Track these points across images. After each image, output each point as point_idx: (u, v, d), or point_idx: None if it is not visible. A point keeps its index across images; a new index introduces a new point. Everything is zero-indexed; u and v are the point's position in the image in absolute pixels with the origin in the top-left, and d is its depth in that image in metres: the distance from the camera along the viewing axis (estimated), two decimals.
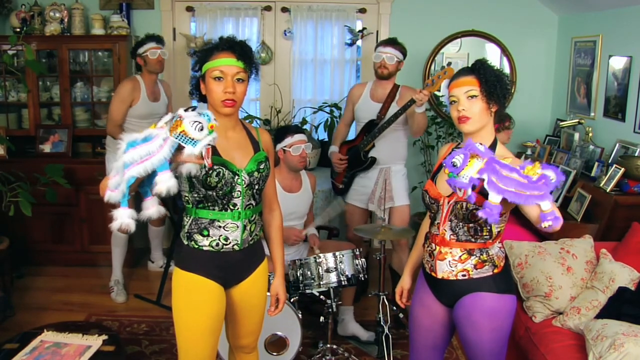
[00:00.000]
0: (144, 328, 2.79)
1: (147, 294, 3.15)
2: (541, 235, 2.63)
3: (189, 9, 3.79)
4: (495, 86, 1.49)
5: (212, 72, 1.50)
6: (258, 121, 3.78)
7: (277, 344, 2.30)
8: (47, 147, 3.52)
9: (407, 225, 2.84)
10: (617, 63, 3.06)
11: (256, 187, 1.60)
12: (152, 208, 1.30)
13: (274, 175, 1.75)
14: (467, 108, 1.50)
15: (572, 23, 3.64)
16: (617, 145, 2.93)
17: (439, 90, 2.64)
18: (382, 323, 2.40)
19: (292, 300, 2.32)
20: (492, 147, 1.53)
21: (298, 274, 2.34)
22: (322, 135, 3.83)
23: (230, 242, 1.58)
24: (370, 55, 3.84)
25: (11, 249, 3.07)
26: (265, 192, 1.71)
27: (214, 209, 1.55)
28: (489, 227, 1.53)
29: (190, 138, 1.21)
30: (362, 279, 2.40)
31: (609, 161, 2.86)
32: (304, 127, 3.73)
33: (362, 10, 3.81)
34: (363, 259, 2.41)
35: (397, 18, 3.79)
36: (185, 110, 1.24)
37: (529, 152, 3.54)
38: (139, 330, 2.77)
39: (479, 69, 1.51)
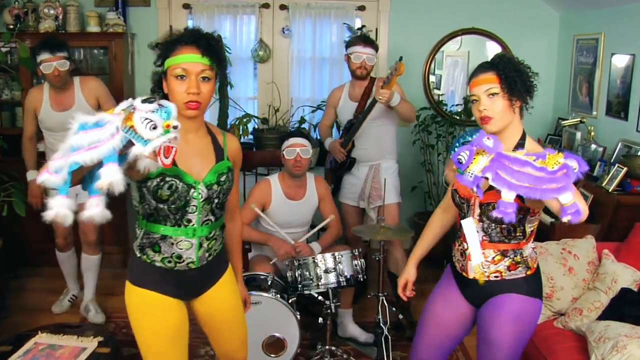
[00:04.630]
0: None
1: None
2: (543, 236, 2.63)
3: (186, 6, 3.78)
4: (516, 81, 1.44)
5: (174, 70, 1.36)
6: (256, 120, 3.77)
7: (275, 345, 2.30)
8: (41, 147, 3.50)
9: (397, 224, 2.83)
10: (620, 61, 3.05)
11: (216, 201, 1.46)
12: (95, 208, 1.08)
13: (237, 186, 1.64)
14: (488, 107, 1.45)
15: (573, 21, 3.64)
16: (620, 144, 2.92)
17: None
18: (381, 324, 2.39)
19: (290, 301, 2.32)
20: (521, 142, 1.49)
21: (296, 275, 2.34)
22: None
23: (184, 260, 1.46)
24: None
25: (6, 249, 3.06)
26: (229, 199, 1.58)
27: (165, 224, 1.42)
28: (522, 227, 1.50)
29: (139, 135, 1.05)
30: (361, 279, 2.40)
31: (612, 160, 2.85)
32: (303, 125, 3.73)
33: (361, 8, 3.80)
34: (362, 260, 2.41)
35: (396, 16, 3.79)
36: (143, 102, 1.07)
37: None
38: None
39: (498, 64, 1.47)
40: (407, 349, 2.65)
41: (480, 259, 1.49)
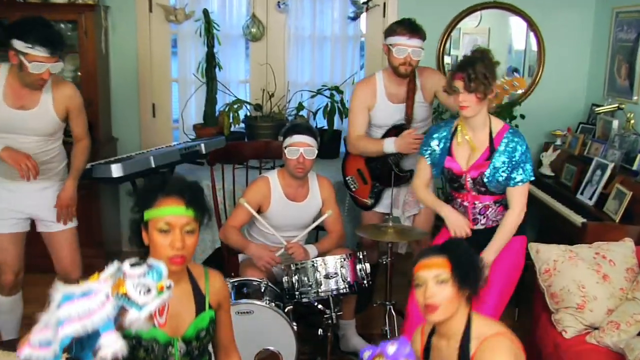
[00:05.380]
0: None
1: None
2: (573, 238, 2.59)
3: None
4: (468, 272, 1.55)
5: (157, 223, 1.45)
6: (248, 106, 3.73)
7: None
8: None
9: (429, 230, 2.77)
10: None
11: (196, 352, 1.56)
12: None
13: (230, 321, 1.70)
14: (435, 294, 1.53)
15: None
16: None
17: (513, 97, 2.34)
18: (388, 336, 2.37)
19: (286, 310, 2.30)
20: (467, 327, 1.56)
21: (293, 280, 2.32)
22: (321, 122, 3.79)
23: None
24: (377, 31, 3.81)
25: None
26: (220, 338, 1.67)
27: None
28: None
29: (134, 302, 1.17)
30: (366, 285, 2.38)
31: None
32: (301, 112, 3.69)
33: None
34: (367, 264, 2.39)
35: None
36: (132, 266, 1.19)
37: (558, 142, 3.50)
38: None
39: (451, 250, 1.57)
40: None
41: None
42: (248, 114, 3.75)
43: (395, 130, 2.65)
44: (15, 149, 2.28)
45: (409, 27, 2.53)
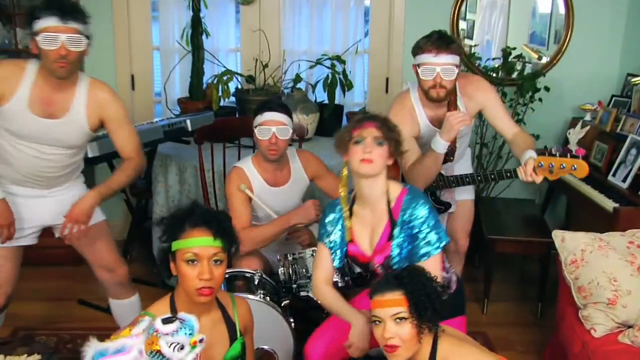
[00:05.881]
0: None
1: (95, 299, 3.11)
2: (604, 225, 2.58)
3: None
4: (426, 307, 1.61)
5: (185, 255, 1.59)
6: (239, 78, 3.70)
7: None
8: None
9: (471, 223, 2.80)
10: None
11: None
12: None
13: (252, 345, 1.84)
14: (395, 334, 1.61)
15: None
16: None
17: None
18: None
19: (282, 304, 2.31)
20: (433, 350, 1.66)
21: (290, 272, 2.33)
22: (321, 96, 3.78)
23: None
24: None
25: None
26: None
27: None
28: None
29: (168, 359, 1.34)
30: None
31: None
32: (298, 85, 3.68)
33: None
34: None
35: None
36: (164, 322, 1.36)
37: (587, 117, 3.47)
38: (84, 346, 2.72)
39: (407, 283, 1.63)
40: None
41: None
42: (239, 86, 3.73)
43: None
44: (7, 208, 2.16)
45: (437, 42, 2.32)
